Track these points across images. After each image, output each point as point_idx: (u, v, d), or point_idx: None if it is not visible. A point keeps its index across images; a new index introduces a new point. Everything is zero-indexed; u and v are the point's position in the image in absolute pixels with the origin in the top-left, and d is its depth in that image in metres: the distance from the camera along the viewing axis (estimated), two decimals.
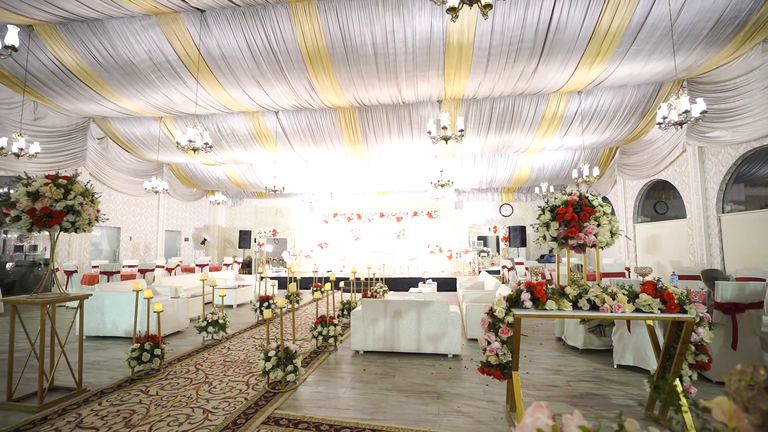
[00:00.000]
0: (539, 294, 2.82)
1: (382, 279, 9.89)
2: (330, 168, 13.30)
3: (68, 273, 9.52)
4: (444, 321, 4.67)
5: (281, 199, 16.90)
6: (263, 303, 6.70)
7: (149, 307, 4.31)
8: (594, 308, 2.79)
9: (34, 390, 3.49)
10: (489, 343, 2.95)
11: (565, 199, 3.11)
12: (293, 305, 4.30)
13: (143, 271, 10.51)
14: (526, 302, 2.82)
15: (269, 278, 8.66)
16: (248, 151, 11.63)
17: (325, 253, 15.10)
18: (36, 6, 6.15)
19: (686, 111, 5.18)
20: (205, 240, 16.52)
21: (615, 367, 4.23)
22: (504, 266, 12.31)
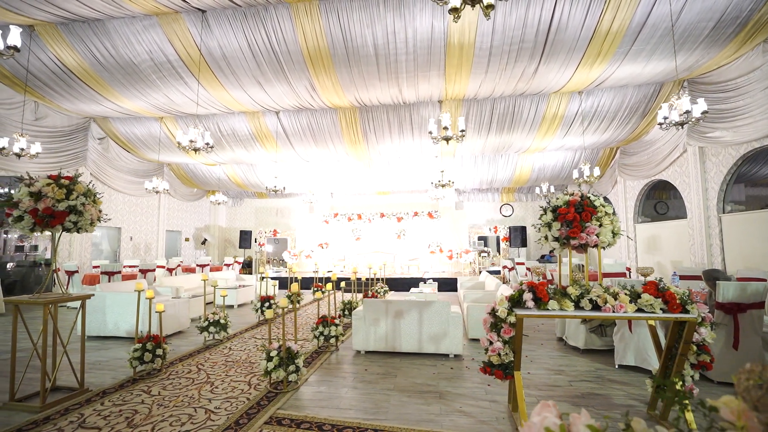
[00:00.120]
0: (541, 294, 2.82)
1: (383, 279, 9.89)
2: (330, 168, 13.30)
3: (69, 273, 9.52)
4: (445, 321, 4.67)
5: (282, 199, 16.91)
6: (264, 303, 6.70)
7: (151, 308, 4.31)
8: (596, 308, 2.79)
9: (37, 390, 3.49)
10: (491, 343, 2.96)
11: (567, 200, 3.11)
12: (295, 305, 4.31)
13: (144, 272, 10.51)
14: (529, 302, 2.82)
15: (270, 278, 8.67)
16: (249, 151, 11.63)
17: (326, 253, 15.11)
18: (37, 6, 6.16)
19: (687, 111, 5.19)
20: (206, 240, 16.52)
21: (616, 367, 4.23)
22: (504, 266, 12.31)
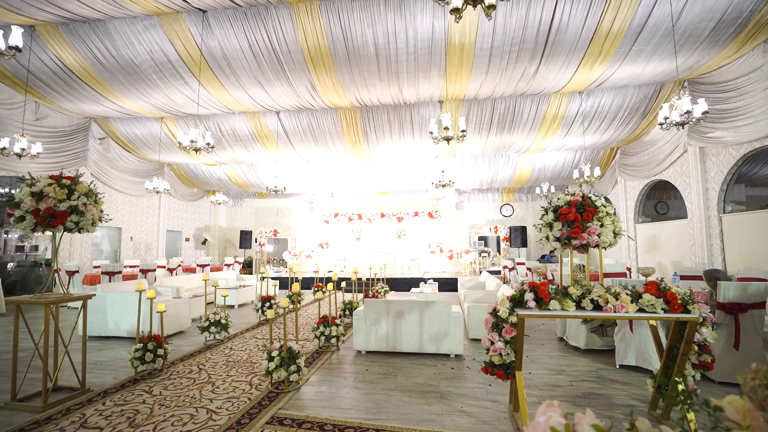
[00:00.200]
0: (543, 294, 2.82)
1: (383, 279, 9.89)
2: (331, 168, 13.31)
3: (70, 273, 9.53)
4: (446, 321, 4.67)
5: (282, 199, 16.91)
6: (265, 303, 6.71)
7: (152, 308, 4.31)
8: (597, 308, 2.80)
9: (38, 390, 3.50)
10: (492, 343, 2.96)
11: (568, 200, 3.11)
12: (296, 305, 4.31)
13: (144, 272, 10.52)
14: (530, 302, 2.83)
15: (270, 278, 8.67)
16: (249, 152, 11.63)
17: (326, 254, 15.11)
18: (38, 6, 6.16)
19: (688, 111, 5.19)
20: (206, 240, 16.53)
21: (617, 367, 4.24)
22: (505, 266, 12.31)
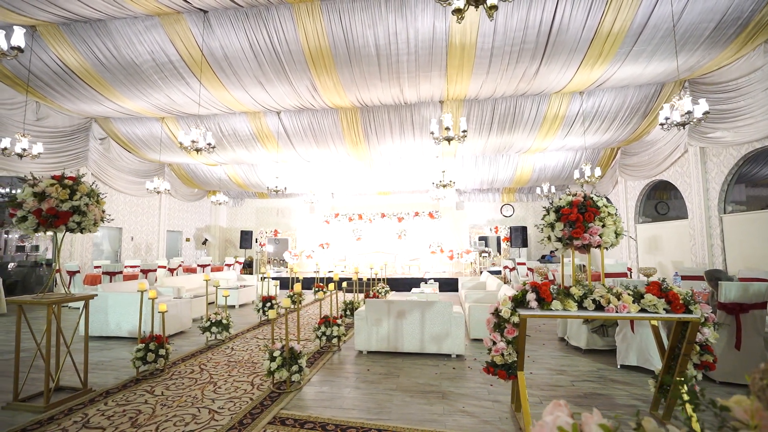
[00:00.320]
0: (545, 294, 2.83)
1: (384, 279, 9.89)
2: (331, 168, 13.31)
3: (71, 273, 9.53)
4: (447, 321, 4.68)
5: (282, 200, 16.92)
6: (266, 303, 6.71)
7: (153, 308, 4.31)
8: (599, 308, 2.80)
9: (40, 390, 3.50)
10: (494, 343, 2.96)
11: (570, 200, 3.11)
12: (298, 306, 4.31)
13: (145, 272, 10.52)
14: (532, 302, 2.83)
15: (271, 278, 8.67)
16: (250, 152, 11.64)
17: (327, 254, 15.12)
18: (39, 7, 6.17)
19: (689, 112, 5.20)
20: (207, 240, 16.53)
21: (618, 367, 4.24)
22: (505, 267, 12.32)
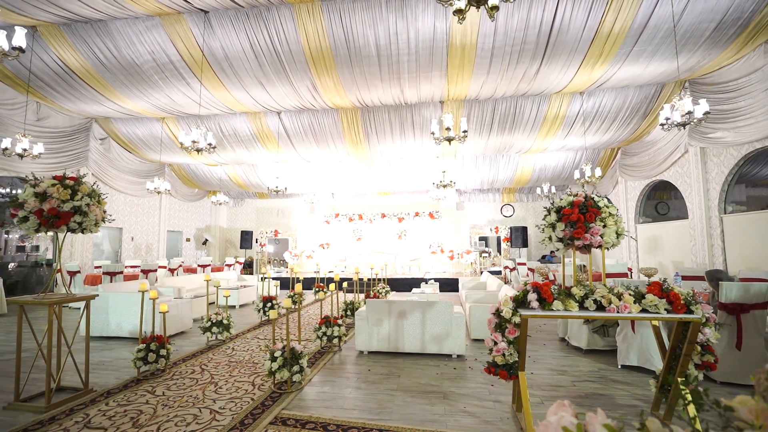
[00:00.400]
0: (546, 294, 2.83)
1: (384, 279, 9.90)
2: (332, 168, 13.31)
3: (71, 273, 9.53)
4: (448, 321, 4.68)
5: (283, 200, 16.92)
6: (266, 303, 6.71)
7: (154, 308, 4.31)
8: (600, 309, 2.80)
9: (42, 390, 3.50)
10: (495, 344, 2.96)
11: (571, 200, 3.11)
12: (299, 306, 4.31)
13: (146, 272, 10.52)
14: (533, 303, 2.83)
15: (271, 279, 8.67)
16: (250, 152, 11.64)
17: (327, 254, 15.11)
18: (40, 7, 6.17)
19: (689, 112, 5.20)
20: (207, 240, 16.53)
21: (619, 368, 4.24)
22: (506, 267, 12.32)
